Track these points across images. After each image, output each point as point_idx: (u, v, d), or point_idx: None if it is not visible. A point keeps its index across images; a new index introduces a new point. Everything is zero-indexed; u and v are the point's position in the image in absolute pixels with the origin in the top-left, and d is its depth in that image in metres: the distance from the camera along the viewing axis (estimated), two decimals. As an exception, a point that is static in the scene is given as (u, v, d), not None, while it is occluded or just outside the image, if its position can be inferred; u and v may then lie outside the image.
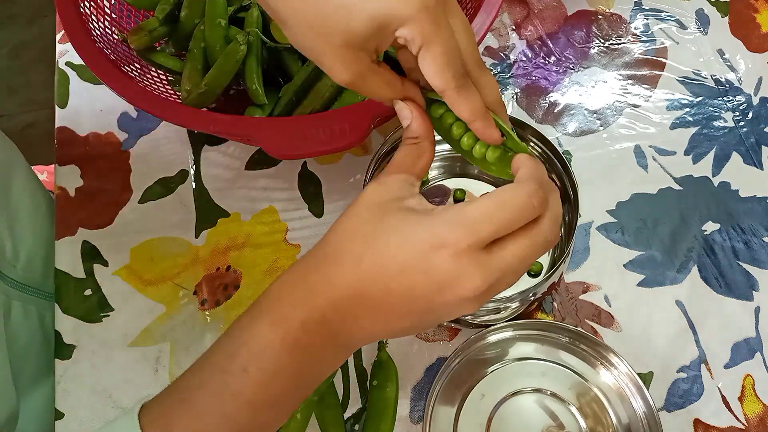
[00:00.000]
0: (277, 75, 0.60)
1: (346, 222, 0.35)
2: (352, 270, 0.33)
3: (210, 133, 0.57)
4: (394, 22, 0.32)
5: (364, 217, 0.35)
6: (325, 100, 0.54)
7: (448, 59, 0.33)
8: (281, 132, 0.47)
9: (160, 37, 0.58)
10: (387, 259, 0.33)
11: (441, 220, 0.32)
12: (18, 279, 0.55)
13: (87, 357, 0.54)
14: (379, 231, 0.34)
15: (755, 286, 0.57)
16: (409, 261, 0.32)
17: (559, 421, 0.50)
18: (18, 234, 0.56)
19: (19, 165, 0.62)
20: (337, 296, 0.34)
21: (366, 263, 0.33)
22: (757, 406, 0.53)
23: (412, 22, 0.32)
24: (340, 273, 0.34)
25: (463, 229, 0.32)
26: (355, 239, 0.34)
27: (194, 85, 0.56)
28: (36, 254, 0.58)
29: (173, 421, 0.34)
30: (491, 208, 0.32)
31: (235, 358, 0.34)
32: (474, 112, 0.36)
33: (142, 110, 0.65)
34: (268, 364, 0.33)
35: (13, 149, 0.63)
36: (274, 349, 0.34)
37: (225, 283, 0.57)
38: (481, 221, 0.32)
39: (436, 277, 0.32)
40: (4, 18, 1.65)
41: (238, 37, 0.54)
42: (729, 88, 0.65)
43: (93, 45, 0.52)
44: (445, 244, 0.32)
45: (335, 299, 0.34)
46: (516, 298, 0.49)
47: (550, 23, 0.69)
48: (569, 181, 0.52)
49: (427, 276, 0.32)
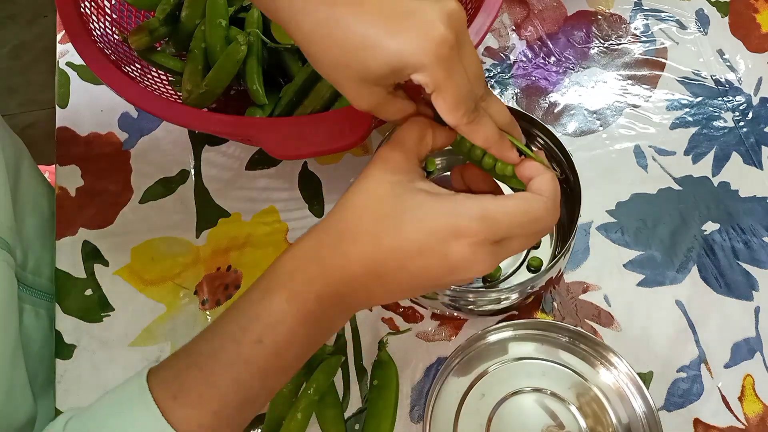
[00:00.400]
0: (278, 75, 0.60)
1: (358, 199, 0.37)
2: (370, 249, 0.35)
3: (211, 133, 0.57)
4: (409, 68, 0.34)
5: (378, 195, 0.36)
6: (325, 101, 0.54)
7: (459, 101, 0.35)
8: (282, 132, 0.47)
9: (160, 37, 0.58)
10: (405, 240, 0.35)
11: (464, 211, 0.35)
12: (27, 283, 0.55)
13: (87, 357, 0.54)
14: (398, 211, 0.36)
15: (755, 286, 0.57)
16: (428, 244, 0.35)
17: (559, 421, 0.50)
18: (26, 238, 0.56)
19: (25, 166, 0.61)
20: (353, 273, 0.36)
21: (384, 243, 0.35)
22: (757, 405, 0.53)
23: (424, 70, 0.33)
24: (357, 251, 0.36)
25: (485, 225, 0.34)
26: (372, 218, 0.36)
27: (195, 86, 0.56)
28: (43, 258, 0.58)
29: (185, 385, 0.35)
30: (515, 214, 0.35)
31: (248, 330, 0.36)
32: (488, 140, 0.37)
33: (142, 110, 0.65)
34: (282, 336, 0.36)
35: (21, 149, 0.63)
36: (288, 322, 0.36)
37: (225, 283, 0.57)
38: (502, 222, 0.35)
39: (453, 262, 0.35)
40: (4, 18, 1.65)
41: (238, 37, 0.54)
42: (729, 88, 0.66)
43: (94, 45, 0.52)
44: (465, 234, 0.34)
45: (350, 276, 0.36)
46: (516, 289, 0.50)
47: (550, 23, 0.70)
48: (572, 174, 0.52)
49: (444, 260, 0.35)
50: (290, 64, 0.57)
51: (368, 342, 0.54)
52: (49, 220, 0.61)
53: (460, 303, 0.52)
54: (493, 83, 0.66)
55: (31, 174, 0.62)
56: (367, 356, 0.54)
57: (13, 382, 0.48)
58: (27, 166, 0.61)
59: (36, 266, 0.57)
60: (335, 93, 0.55)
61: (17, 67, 1.61)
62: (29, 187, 0.60)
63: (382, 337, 0.54)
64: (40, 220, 0.60)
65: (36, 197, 0.61)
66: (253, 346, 0.35)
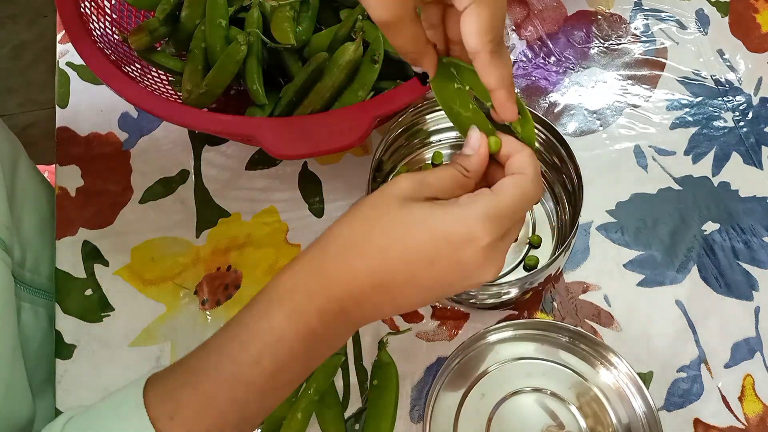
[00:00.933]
0: (278, 75, 0.60)
1: (364, 212, 0.36)
2: (378, 262, 0.34)
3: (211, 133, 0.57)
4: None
5: (386, 207, 0.35)
6: (325, 101, 0.54)
7: (493, 24, 0.33)
8: (281, 132, 0.47)
9: (160, 37, 0.58)
10: (415, 252, 0.34)
11: (470, 215, 0.34)
12: (26, 281, 0.55)
13: (87, 357, 0.54)
14: (407, 223, 0.34)
15: (755, 286, 0.57)
16: (440, 253, 0.34)
17: (559, 421, 0.50)
18: (24, 236, 0.56)
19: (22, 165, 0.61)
20: (359, 287, 0.34)
21: (392, 256, 0.34)
22: (757, 405, 0.53)
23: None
24: (363, 264, 0.34)
25: (494, 225, 0.34)
26: (380, 230, 0.35)
27: (195, 86, 0.56)
28: (42, 257, 0.58)
29: (182, 402, 0.34)
30: (514, 203, 0.35)
31: (247, 348, 0.34)
32: (502, 80, 0.35)
33: (142, 110, 0.65)
34: (281, 356, 0.34)
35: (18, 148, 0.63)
36: (288, 340, 0.34)
37: (226, 282, 0.57)
38: (506, 216, 0.35)
39: (466, 268, 0.34)
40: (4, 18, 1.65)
41: (238, 37, 0.54)
42: (729, 88, 0.66)
43: (94, 45, 0.52)
44: (476, 238, 0.34)
45: (356, 290, 0.34)
46: (516, 284, 0.50)
47: (550, 23, 0.70)
48: (573, 169, 0.52)
49: (457, 267, 0.34)
50: (290, 64, 0.57)
51: (368, 342, 0.54)
52: (48, 219, 0.61)
53: (462, 297, 0.52)
54: (493, 83, 0.66)
55: (29, 173, 0.62)
56: (367, 356, 0.54)
57: (12, 382, 0.47)
58: (25, 165, 0.61)
59: (35, 265, 0.57)
60: (335, 93, 0.55)
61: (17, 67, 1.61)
62: (27, 185, 0.60)
63: (382, 337, 0.54)
64: (39, 219, 0.60)
65: (35, 196, 0.61)
66: (252, 366, 0.34)
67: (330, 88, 0.54)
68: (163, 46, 0.61)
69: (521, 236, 0.57)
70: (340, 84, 0.54)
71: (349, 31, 0.56)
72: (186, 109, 0.51)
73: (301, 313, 0.34)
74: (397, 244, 0.34)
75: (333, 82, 0.54)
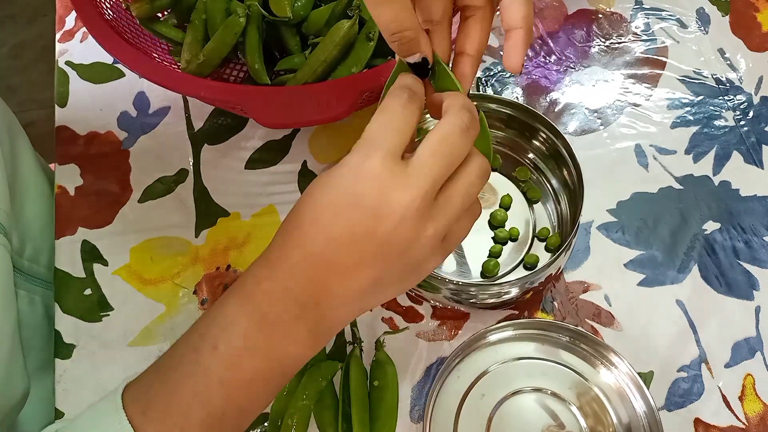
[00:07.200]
0: (274, 49, 0.61)
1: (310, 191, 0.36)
2: (297, 233, 0.34)
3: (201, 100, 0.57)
4: None
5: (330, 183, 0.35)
6: (317, 75, 0.55)
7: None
8: (270, 101, 0.48)
9: (162, 7, 0.59)
10: (321, 211, 0.34)
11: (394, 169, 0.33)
12: (24, 269, 0.55)
13: (87, 357, 0.54)
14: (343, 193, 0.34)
15: (756, 286, 0.57)
16: (339, 201, 0.33)
17: (560, 421, 0.50)
18: (24, 225, 0.56)
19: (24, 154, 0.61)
20: (291, 262, 0.34)
21: (306, 223, 0.34)
22: (757, 405, 0.53)
23: None
24: (288, 240, 0.35)
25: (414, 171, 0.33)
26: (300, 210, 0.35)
27: (193, 55, 0.57)
28: (42, 246, 0.58)
29: (152, 399, 0.34)
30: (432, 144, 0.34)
31: (205, 336, 0.35)
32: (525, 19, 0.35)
33: (141, 109, 0.65)
34: (237, 341, 0.34)
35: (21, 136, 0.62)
36: (241, 325, 0.34)
37: (225, 282, 0.57)
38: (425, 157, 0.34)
39: (366, 203, 0.33)
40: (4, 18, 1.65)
41: (237, 9, 0.55)
42: (730, 87, 0.65)
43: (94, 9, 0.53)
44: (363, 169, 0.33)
45: (290, 266, 0.34)
46: (516, 284, 0.50)
47: (551, 22, 0.69)
48: (574, 168, 0.52)
49: (357, 207, 0.33)
50: (288, 39, 0.58)
51: (368, 342, 0.54)
52: (49, 209, 0.61)
53: (462, 296, 0.52)
54: (493, 82, 0.66)
55: (31, 162, 0.61)
56: (366, 356, 0.54)
57: (11, 368, 0.47)
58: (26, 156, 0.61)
59: (34, 254, 0.57)
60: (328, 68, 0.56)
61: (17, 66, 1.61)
62: (29, 174, 0.60)
63: (379, 336, 0.54)
64: (39, 208, 0.60)
65: (36, 185, 0.61)
66: (210, 353, 0.34)
67: (322, 63, 0.55)
68: (166, 16, 0.62)
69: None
70: (333, 59, 0.55)
71: (346, 8, 0.57)
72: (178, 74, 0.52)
73: (249, 296, 0.35)
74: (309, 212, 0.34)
75: (326, 57, 0.54)
